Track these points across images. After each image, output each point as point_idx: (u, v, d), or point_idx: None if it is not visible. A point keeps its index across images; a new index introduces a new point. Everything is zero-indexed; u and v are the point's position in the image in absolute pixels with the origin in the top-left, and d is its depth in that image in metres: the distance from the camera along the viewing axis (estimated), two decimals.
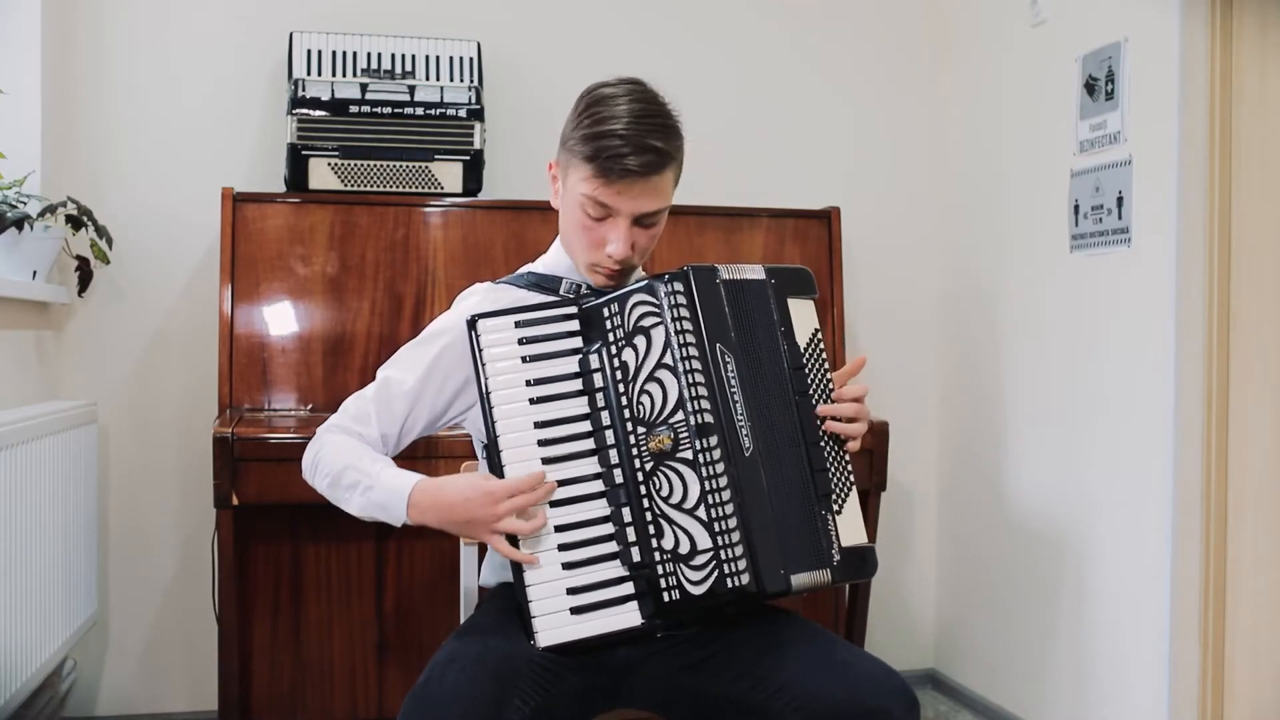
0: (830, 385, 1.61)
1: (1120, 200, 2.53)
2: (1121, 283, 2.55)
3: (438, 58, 2.89)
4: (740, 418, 1.51)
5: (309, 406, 2.67)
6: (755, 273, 1.60)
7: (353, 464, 1.61)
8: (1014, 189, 2.97)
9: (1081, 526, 2.68)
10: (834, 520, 1.55)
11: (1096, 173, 2.60)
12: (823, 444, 1.57)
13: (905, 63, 3.34)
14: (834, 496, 1.56)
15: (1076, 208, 2.68)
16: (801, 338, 1.60)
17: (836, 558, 1.54)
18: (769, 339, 1.57)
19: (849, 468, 1.60)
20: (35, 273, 2.64)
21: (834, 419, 1.58)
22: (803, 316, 1.61)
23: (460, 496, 1.53)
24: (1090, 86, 2.63)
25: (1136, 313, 2.50)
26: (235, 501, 2.35)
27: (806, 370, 1.59)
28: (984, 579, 3.12)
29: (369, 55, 2.87)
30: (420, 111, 2.78)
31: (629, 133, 1.54)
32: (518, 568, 1.51)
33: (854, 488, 1.60)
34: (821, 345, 1.62)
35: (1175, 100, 2.38)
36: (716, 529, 1.47)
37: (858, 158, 3.32)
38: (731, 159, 3.16)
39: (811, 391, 1.58)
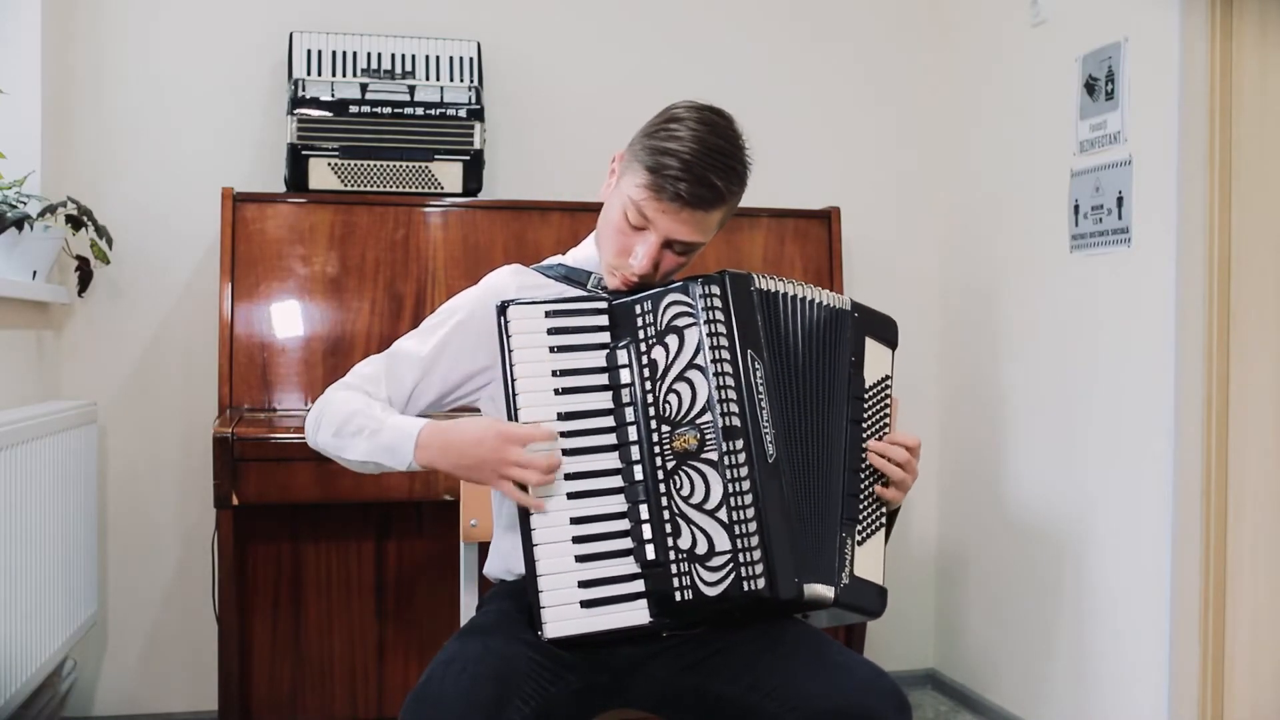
0: (887, 430, 1.65)
1: (1120, 200, 2.53)
2: (1121, 283, 2.55)
3: (438, 58, 2.89)
4: (765, 424, 1.52)
5: (309, 406, 2.66)
6: (839, 300, 1.64)
7: (360, 410, 1.60)
8: (1014, 189, 2.97)
9: (1081, 526, 2.68)
10: (852, 546, 1.57)
11: (1096, 173, 2.60)
12: (862, 475, 1.60)
13: (905, 62, 3.34)
14: (859, 526, 1.59)
15: (1076, 208, 2.68)
16: (870, 376, 1.64)
17: (845, 581, 1.55)
18: (832, 360, 1.60)
19: (881, 511, 1.63)
20: (35, 273, 2.63)
21: (882, 457, 1.61)
22: (877, 358, 1.65)
23: (472, 437, 1.52)
24: (1090, 86, 2.63)
25: (1136, 312, 2.50)
26: (235, 501, 2.35)
27: (866, 404, 1.62)
28: (984, 579, 3.12)
29: (369, 55, 2.87)
30: (420, 111, 2.78)
31: (693, 160, 1.53)
32: (530, 558, 1.51)
33: (882, 531, 1.63)
34: (889, 393, 1.66)
35: (1175, 100, 2.38)
36: (737, 531, 1.47)
37: (858, 158, 3.32)
38: None
39: (865, 424, 1.61)
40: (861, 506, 1.59)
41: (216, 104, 2.95)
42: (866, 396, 1.62)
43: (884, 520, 1.63)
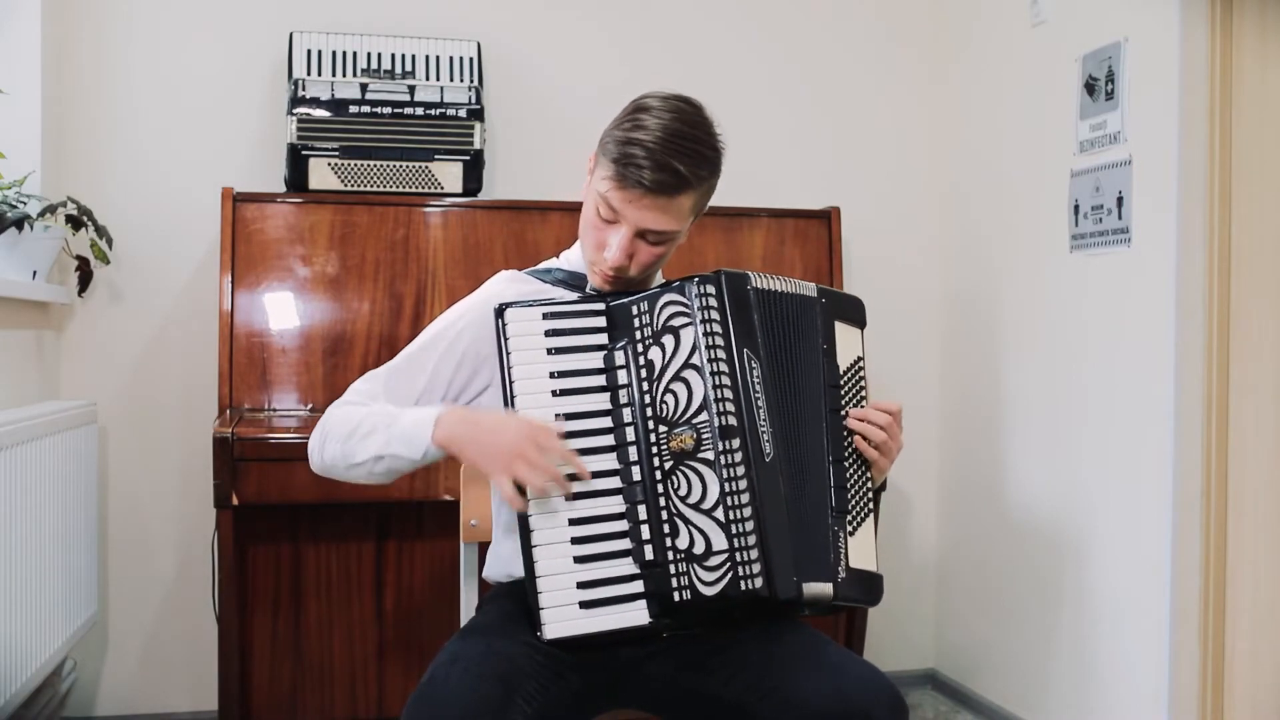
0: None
1: (1120, 200, 2.53)
2: (1121, 282, 2.55)
3: (438, 58, 2.89)
4: (763, 423, 1.52)
5: (309, 406, 2.67)
6: (804, 288, 1.63)
7: (372, 412, 1.60)
8: (1014, 189, 2.97)
9: (1081, 526, 2.68)
10: (845, 539, 1.56)
11: (1096, 173, 2.61)
12: (847, 463, 1.59)
13: (906, 63, 3.35)
14: (850, 517, 1.58)
15: (1076, 208, 2.68)
16: (843, 361, 1.63)
17: (841, 575, 1.55)
18: (808, 351, 1.60)
19: (869, 494, 1.62)
20: (35, 273, 2.63)
21: (863, 437, 1.60)
22: (848, 341, 1.65)
23: (500, 419, 1.51)
24: (1090, 86, 2.63)
25: (1136, 312, 2.50)
26: (235, 501, 2.35)
27: (842, 390, 1.61)
28: (984, 579, 3.12)
29: (369, 55, 2.87)
30: (420, 111, 2.78)
31: (655, 147, 1.54)
32: (529, 560, 1.51)
33: (872, 515, 1.62)
34: (862, 374, 1.65)
35: (1175, 100, 2.38)
36: (733, 530, 1.47)
37: (858, 158, 3.32)
38: (731, 159, 3.13)
39: (844, 411, 1.60)
40: (850, 495, 1.58)
41: (216, 104, 2.95)
42: (842, 383, 1.61)
43: (873, 505, 1.62)
